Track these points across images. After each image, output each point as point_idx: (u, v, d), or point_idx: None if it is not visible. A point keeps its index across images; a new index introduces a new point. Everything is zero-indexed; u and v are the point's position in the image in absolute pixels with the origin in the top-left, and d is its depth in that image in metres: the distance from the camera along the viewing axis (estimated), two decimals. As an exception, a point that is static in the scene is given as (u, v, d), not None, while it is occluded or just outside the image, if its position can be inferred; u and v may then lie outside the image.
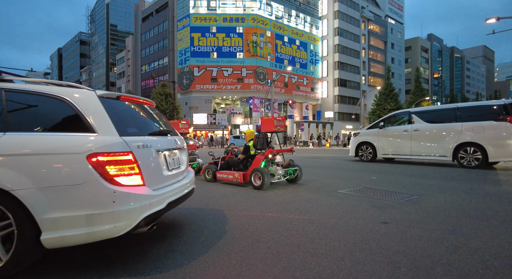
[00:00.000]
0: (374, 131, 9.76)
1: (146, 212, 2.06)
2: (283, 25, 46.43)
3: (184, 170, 2.90)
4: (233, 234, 2.76)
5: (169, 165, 2.55)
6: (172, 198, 2.40)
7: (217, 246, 2.48)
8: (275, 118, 5.10)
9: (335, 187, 5.19)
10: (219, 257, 2.25)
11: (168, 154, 2.57)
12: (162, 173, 2.41)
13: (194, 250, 2.39)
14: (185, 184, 2.76)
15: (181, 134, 7.30)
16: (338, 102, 52.25)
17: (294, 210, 3.60)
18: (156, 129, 2.63)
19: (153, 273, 2.00)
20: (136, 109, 2.59)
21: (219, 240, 2.60)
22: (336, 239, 2.60)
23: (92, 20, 75.52)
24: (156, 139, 2.45)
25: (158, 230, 2.92)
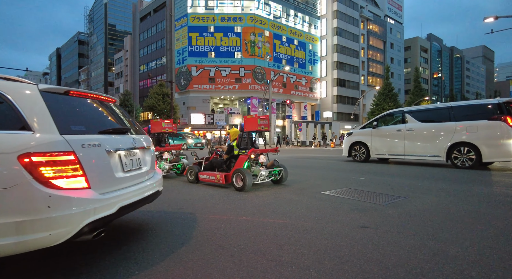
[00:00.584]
0: (367, 131, 9.58)
1: (90, 218, 1.86)
2: (282, 24, 46.26)
3: (147, 171, 2.71)
4: (198, 240, 2.59)
5: (125, 166, 2.35)
6: (126, 201, 2.21)
7: (177, 253, 2.30)
8: (258, 117, 4.91)
9: (320, 188, 5.01)
10: (175, 267, 2.08)
11: (124, 154, 2.38)
12: (114, 175, 2.20)
13: (150, 258, 2.22)
14: (147, 186, 2.57)
15: (170, 134, 7.21)
16: (337, 102, 52.08)
17: (271, 213, 3.43)
18: (110, 127, 2.40)
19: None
20: (89, 105, 2.39)
21: (181, 247, 2.43)
22: (307, 245, 2.43)
23: (91, 20, 75.31)
24: (108, 138, 2.25)
25: (119, 236, 2.74)
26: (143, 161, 2.68)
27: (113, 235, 2.75)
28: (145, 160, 2.72)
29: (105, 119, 2.50)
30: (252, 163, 5.03)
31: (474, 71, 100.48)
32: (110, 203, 2.05)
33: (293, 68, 47.82)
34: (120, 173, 2.28)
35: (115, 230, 2.92)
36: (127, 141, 2.46)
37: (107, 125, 2.41)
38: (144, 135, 2.90)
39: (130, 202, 2.26)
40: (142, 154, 2.69)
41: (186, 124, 41.40)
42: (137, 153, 2.59)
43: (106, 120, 2.50)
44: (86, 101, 2.37)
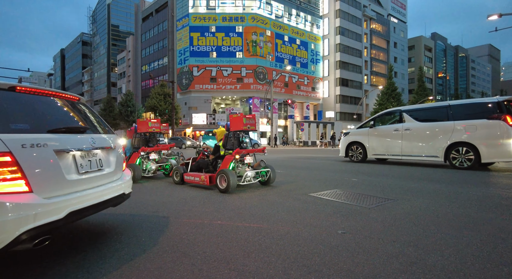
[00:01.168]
0: (364, 130, 9.37)
1: (29, 225, 1.71)
2: (283, 24, 46.04)
3: (110, 173, 2.56)
4: (162, 246, 2.44)
5: (81, 168, 2.21)
6: (78, 206, 2.05)
7: (135, 261, 2.15)
8: (244, 116, 4.74)
9: (308, 189, 4.84)
10: (128, 276, 1.93)
11: (80, 155, 2.24)
12: (66, 177, 2.05)
13: (105, 267, 2.07)
14: (109, 189, 2.44)
15: (154, 134, 7.06)
16: (339, 102, 51.72)
17: (249, 217, 3.27)
18: (63, 125, 2.24)
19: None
20: (40, 103, 2.23)
21: (142, 254, 2.28)
22: (276, 253, 2.27)
23: (94, 20, 75.71)
24: (59, 137, 2.10)
25: (79, 242, 2.60)
26: (106, 162, 2.54)
27: (73, 241, 2.61)
28: (108, 161, 2.58)
29: (59, 118, 2.35)
30: (238, 163, 4.87)
31: (479, 71, 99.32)
32: (57, 207, 1.90)
33: (295, 68, 47.56)
34: (73, 175, 2.13)
35: (77, 235, 2.78)
36: (84, 141, 2.31)
37: (60, 124, 2.25)
38: (112, 135, 2.76)
39: (84, 206, 2.11)
40: (105, 155, 2.55)
41: (187, 125, 41.39)
42: (97, 154, 2.44)
43: (60, 118, 2.35)
44: (36, 99, 2.21)
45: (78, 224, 3.11)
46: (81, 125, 2.46)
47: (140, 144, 6.59)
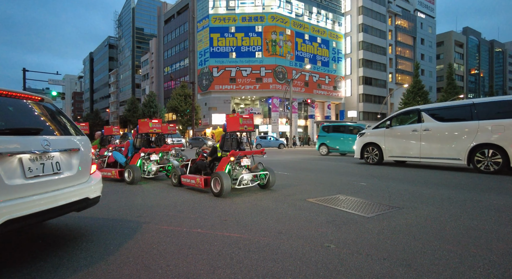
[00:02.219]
0: (381, 131, 8.84)
1: None
2: (304, 22, 45.32)
3: (71, 176, 2.42)
4: (126, 256, 2.27)
5: (29, 172, 2.07)
6: (19, 213, 1.90)
7: (88, 273, 1.99)
8: (240, 116, 4.51)
9: (307, 194, 4.53)
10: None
11: (29, 158, 2.11)
12: (5, 183, 1.91)
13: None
14: (67, 193, 2.31)
15: (160, 135, 7.01)
16: (362, 101, 50.17)
17: (233, 225, 3.04)
18: (7, 126, 2.10)
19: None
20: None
21: (102, 265, 2.12)
22: (246, 269, 2.03)
23: (120, 24, 78.50)
24: (1, 139, 1.97)
25: (37, 249, 2.47)
26: (66, 165, 2.41)
27: (38, 246, 2.50)
28: (70, 163, 2.44)
29: (6, 118, 2.18)
30: (234, 165, 4.65)
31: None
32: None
33: (316, 67, 46.68)
34: (17, 180, 1.99)
35: (45, 239, 2.68)
36: (35, 143, 2.16)
37: (8, 125, 2.12)
38: (79, 137, 2.63)
39: (28, 213, 1.96)
40: (65, 157, 2.41)
41: (207, 125, 41.80)
42: (54, 156, 2.30)
43: (7, 119, 2.19)
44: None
45: (50, 225, 3.03)
46: (33, 126, 2.32)
47: (141, 144, 6.52)
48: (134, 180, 5.72)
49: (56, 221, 3.26)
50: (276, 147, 27.50)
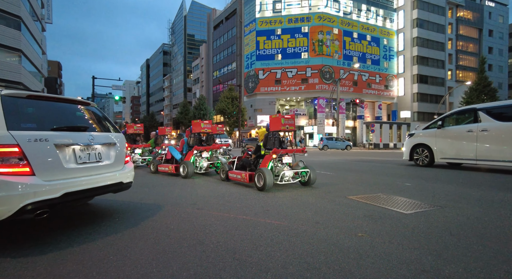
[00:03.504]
0: (432, 131, 8.43)
1: (29, 200, 2.27)
2: (352, 21, 43.93)
3: (108, 164, 3.06)
4: (182, 234, 2.72)
5: (79, 159, 2.75)
6: (73, 189, 2.59)
7: (160, 246, 2.47)
8: (282, 117, 4.83)
9: (349, 192, 4.65)
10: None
11: (79, 148, 2.78)
12: (63, 166, 2.59)
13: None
14: (106, 177, 2.96)
15: (210, 134, 7.62)
16: (417, 101, 46.93)
17: (274, 214, 3.36)
18: (64, 125, 2.79)
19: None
20: (48, 107, 2.84)
21: (166, 240, 2.59)
22: (284, 248, 2.33)
23: (173, 31, 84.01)
24: (60, 134, 2.65)
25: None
26: (105, 155, 3.06)
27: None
28: (108, 154, 3.10)
29: (63, 119, 2.91)
30: (276, 163, 4.97)
31: None
32: (54, 188, 2.44)
33: (365, 65, 44.89)
34: (71, 164, 2.67)
35: (113, 220, 3.26)
36: (83, 138, 2.83)
37: (64, 124, 2.83)
38: (116, 134, 3.29)
39: (79, 189, 2.65)
40: (105, 149, 3.06)
41: (253, 126, 42.70)
42: (97, 148, 2.96)
43: (66, 119, 2.93)
44: (47, 104, 2.84)
45: (126, 216, 3.64)
46: (82, 125, 3.01)
47: (194, 143, 7.20)
48: (188, 174, 6.40)
49: (124, 206, 3.90)
50: (342, 149, 28.26)
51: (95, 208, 3.71)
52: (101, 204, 3.92)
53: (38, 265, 2.06)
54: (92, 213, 3.47)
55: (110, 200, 4.12)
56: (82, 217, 3.29)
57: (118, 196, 4.43)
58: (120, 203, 3.95)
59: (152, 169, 7.77)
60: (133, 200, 4.15)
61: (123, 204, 3.92)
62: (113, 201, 4.06)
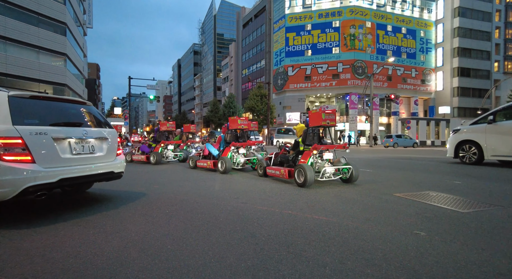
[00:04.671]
0: (481, 127, 7.85)
1: (31, 183, 2.71)
2: (386, 13, 42.08)
3: (101, 156, 3.51)
4: (232, 226, 2.75)
5: (74, 150, 3.20)
6: (68, 175, 3.04)
7: (211, 236, 2.53)
8: (323, 112, 4.72)
9: (394, 189, 4.46)
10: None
11: (74, 141, 3.22)
12: (60, 155, 3.03)
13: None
14: (98, 167, 3.42)
15: (244, 131, 7.70)
16: (457, 96, 44.07)
17: (320, 210, 3.30)
18: (61, 121, 3.24)
19: None
20: (48, 105, 3.26)
21: (217, 231, 2.64)
22: (338, 244, 2.28)
23: (203, 31, 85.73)
24: (57, 129, 3.08)
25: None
26: (98, 148, 3.51)
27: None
28: (101, 147, 3.55)
29: (61, 116, 3.34)
30: (317, 159, 4.89)
31: None
32: (52, 174, 2.89)
33: (401, 59, 42.84)
34: (67, 155, 3.12)
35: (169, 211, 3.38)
36: (78, 132, 3.28)
37: (59, 120, 3.26)
38: (109, 130, 3.73)
39: (73, 176, 3.11)
40: (97, 143, 3.51)
41: (281, 124, 42.50)
42: (90, 141, 3.41)
43: (62, 116, 3.34)
44: (47, 103, 3.27)
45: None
46: (77, 121, 3.42)
47: (231, 139, 7.30)
48: (226, 170, 6.54)
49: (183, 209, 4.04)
50: (410, 146, 27.95)
51: (145, 201, 3.88)
52: (148, 196, 4.10)
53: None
54: (146, 205, 3.63)
55: (158, 193, 4.29)
56: (146, 214, 3.46)
57: (164, 190, 4.61)
58: (168, 197, 4.10)
59: (191, 164, 7.97)
60: (179, 194, 4.29)
61: (171, 198, 4.06)
62: (161, 194, 4.23)
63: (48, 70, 27.88)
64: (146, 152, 9.80)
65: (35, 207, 3.57)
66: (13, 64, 25.15)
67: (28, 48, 26.36)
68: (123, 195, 4.23)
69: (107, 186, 4.88)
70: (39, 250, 2.20)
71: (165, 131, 10.08)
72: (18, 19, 25.37)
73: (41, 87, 27.70)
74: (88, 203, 3.71)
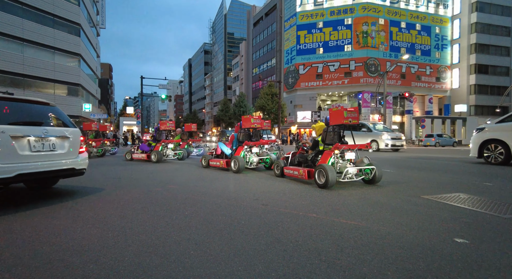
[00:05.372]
0: (508, 125, 7.48)
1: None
2: (400, 9, 41.16)
3: (63, 153, 3.70)
4: (256, 230, 2.61)
5: (33, 148, 3.37)
6: (26, 171, 3.22)
7: (235, 241, 2.38)
8: (345, 110, 4.51)
9: (421, 191, 4.23)
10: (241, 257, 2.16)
11: (34, 139, 3.38)
12: (18, 153, 3.20)
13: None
14: (58, 163, 3.60)
15: (257, 130, 7.56)
16: (474, 93, 42.78)
17: (346, 213, 3.12)
18: (21, 120, 3.42)
19: None
20: (9, 105, 3.41)
21: (241, 236, 2.50)
22: (373, 252, 2.11)
23: (213, 31, 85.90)
24: (16, 127, 3.26)
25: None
26: (59, 146, 3.69)
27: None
28: (62, 145, 3.74)
29: (22, 115, 3.50)
30: (338, 159, 4.69)
31: None
32: (9, 170, 3.09)
33: (415, 57, 41.87)
34: (26, 152, 3.29)
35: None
36: (37, 131, 3.44)
37: (21, 119, 3.43)
38: (70, 129, 3.89)
39: (31, 172, 3.28)
40: (59, 141, 3.70)
41: (292, 122, 42.18)
42: (51, 140, 3.58)
43: (23, 116, 3.50)
44: (8, 103, 3.40)
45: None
46: (37, 120, 3.58)
47: (244, 138, 7.20)
48: (240, 169, 6.42)
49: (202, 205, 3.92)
50: (450, 145, 27.50)
51: (163, 202, 3.77)
52: (165, 197, 3.99)
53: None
54: (164, 206, 3.52)
55: (175, 193, 4.19)
56: (165, 216, 3.35)
57: (181, 190, 4.50)
58: (186, 197, 3.99)
59: (203, 163, 7.90)
60: (196, 194, 4.17)
61: (189, 198, 3.95)
62: (178, 194, 4.12)
63: (63, 71, 28.40)
64: (146, 150, 10.02)
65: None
66: (29, 65, 25.71)
67: (44, 49, 26.91)
68: (141, 195, 4.14)
69: (126, 186, 4.81)
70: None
71: (165, 130, 10.34)
72: (34, 21, 25.92)
73: (56, 87, 28.28)
74: (112, 205, 3.63)
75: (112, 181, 5.55)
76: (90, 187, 4.81)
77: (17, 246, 2.26)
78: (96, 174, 6.54)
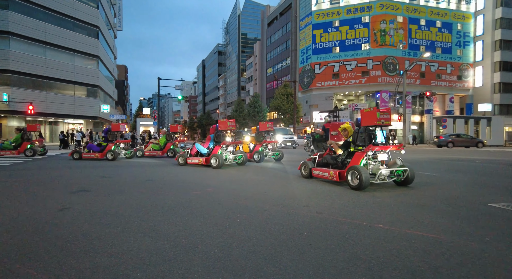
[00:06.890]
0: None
1: None
2: (419, 6, 40.01)
3: None
4: (330, 243, 2.35)
5: None
6: None
7: (305, 254, 2.14)
8: (377, 110, 4.29)
9: (482, 198, 3.87)
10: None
11: None
12: None
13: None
14: None
15: (231, 132, 8.38)
16: (499, 92, 41.10)
17: (417, 224, 2.83)
18: None
19: None
20: None
21: (310, 250, 2.25)
22: (473, 273, 1.82)
23: (227, 31, 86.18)
24: None
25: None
26: None
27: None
28: None
29: None
30: (370, 160, 4.45)
31: None
32: None
33: (435, 55, 40.56)
34: None
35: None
36: None
37: None
38: None
39: None
40: None
41: (308, 123, 41.69)
42: None
43: None
44: None
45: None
46: None
47: (221, 139, 8.27)
48: (219, 165, 7.46)
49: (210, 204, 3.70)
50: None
51: (210, 208, 3.57)
52: (209, 201, 3.79)
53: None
54: (211, 209, 3.31)
55: (215, 198, 3.98)
56: (217, 224, 3.15)
57: (219, 194, 4.30)
58: (229, 202, 3.77)
59: (180, 161, 8.57)
60: (238, 199, 3.95)
61: (233, 203, 3.72)
62: (220, 199, 3.91)
63: (82, 72, 28.96)
64: (94, 149, 10.90)
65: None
66: (51, 67, 26.33)
67: (64, 51, 27.51)
68: (181, 199, 3.96)
69: (161, 188, 4.65)
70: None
71: (117, 131, 11.36)
72: (56, 24, 26.54)
73: (76, 88, 28.83)
74: (156, 210, 3.45)
75: (147, 183, 5.41)
76: (116, 189, 4.67)
77: (76, 258, 2.09)
78: (125, 176, 6.42)
